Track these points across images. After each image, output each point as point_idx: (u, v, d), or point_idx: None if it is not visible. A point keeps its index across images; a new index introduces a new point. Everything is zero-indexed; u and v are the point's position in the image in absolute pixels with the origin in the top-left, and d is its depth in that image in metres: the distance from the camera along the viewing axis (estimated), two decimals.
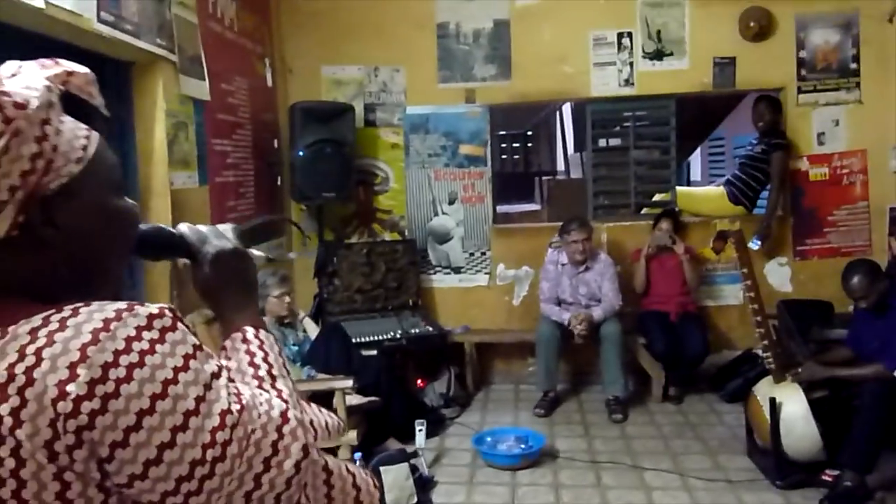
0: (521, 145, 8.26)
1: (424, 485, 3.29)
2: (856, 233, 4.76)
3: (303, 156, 4.34)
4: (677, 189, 5.05)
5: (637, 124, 4.91)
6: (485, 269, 4.98)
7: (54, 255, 0.69)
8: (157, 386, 0.62)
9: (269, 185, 4.45)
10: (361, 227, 5.01)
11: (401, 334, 4.36)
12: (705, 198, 5.20)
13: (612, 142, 5.10)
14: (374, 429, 3.56)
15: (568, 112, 7.59)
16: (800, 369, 3.32)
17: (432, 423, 3.95)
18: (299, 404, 0.78)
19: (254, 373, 0.78)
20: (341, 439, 3.14)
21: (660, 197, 5.07)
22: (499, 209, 5.26)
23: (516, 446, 3.66)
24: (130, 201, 0.78)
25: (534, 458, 3.61)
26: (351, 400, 3.40)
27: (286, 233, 4.78)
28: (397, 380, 4.04)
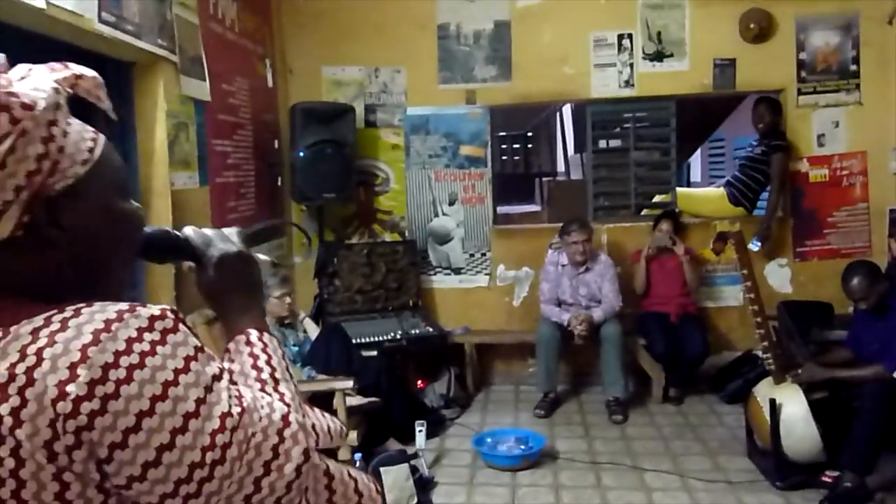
0: (522, 146, 8.25)
1: (425, 485, 3.29)
2: (856, 234, 4.76)
3: (303, 156, 4.34)
4: (677, 190, 5.05)
5: (637, 125, 4.91)
6: (485, 270, 4.98)
7: (58, 256, 0.69)
8: (157, 387, 0.62)
9: (269, 186, 4.45)
10: (362, 228, 5.01)
11: (401, 335, 4.36)
12: (705, 199, 5.20)
13: (613, 143, 5.10)
14: (375, 429, 3.56)
15: (568, 113, 7.59)
16: (800, 370, 3.32)
17: (432, 424, 3.95)
18: (301, 408, 0.77)
19: (256, 375, 0.78)
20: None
21: (660, 198, 5.07)
22: (499, 210, 5.26)
23: (516, 447, 3.66)
24: (135, 204, 0.79)
25: (534, 458, 3.61)
26: (351, 401, 3.40)
27: (286, 234, 4.79)
28: (397, 380, 4.04)
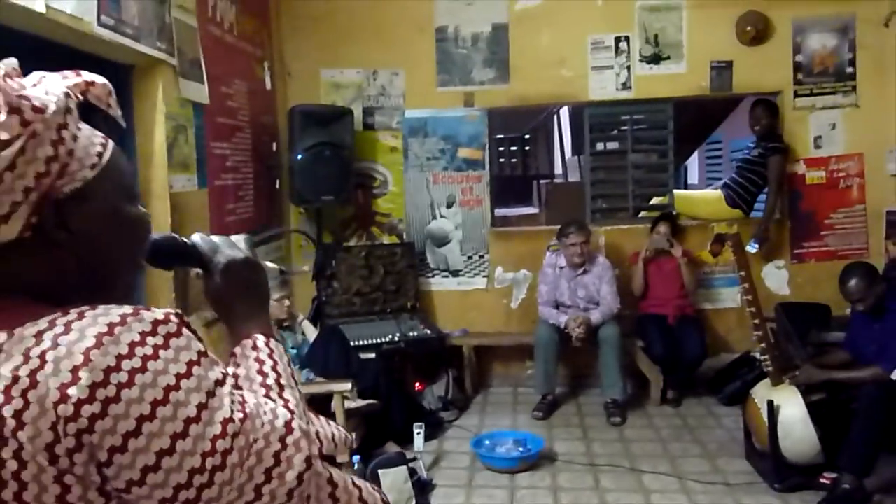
0: (520, 149, 8.24)
1: (423, 488, 3.29)
2: (853, 236, 4.77)
3: (302, 159, 4.35)
4: (675, 192, 5.06)
5: (635, 128, 4.92)
6: (483, 273, 4.99)
7: (65, 259, 0.70)
8: (158, 392, 0.62)
9: (268, 189, 4.45)
10: (360, 231, 5.01)
11: (399, 337, 4.36)
12: (703, 201, 5.21)
13: (610, 145, 5.10)
14: (373, 432, 3.56)
15: (566, 116, 7.59)
16: (797, 372, 3.32)
17: (431, 426, 3.95)
18: (306, 415, 0.77)
19: (261, 381, 0.78)
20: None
21: (657, 200, 5.08)
22: (497, 212, 5.27)
23: (515, 449, 3.66)
24: (143, 209, 0.79)
25: (532, 461, 3.61)
26: (349, 403, 3.41)
27: (283, 237, 4.78)
28: (396, 383, 4.04)
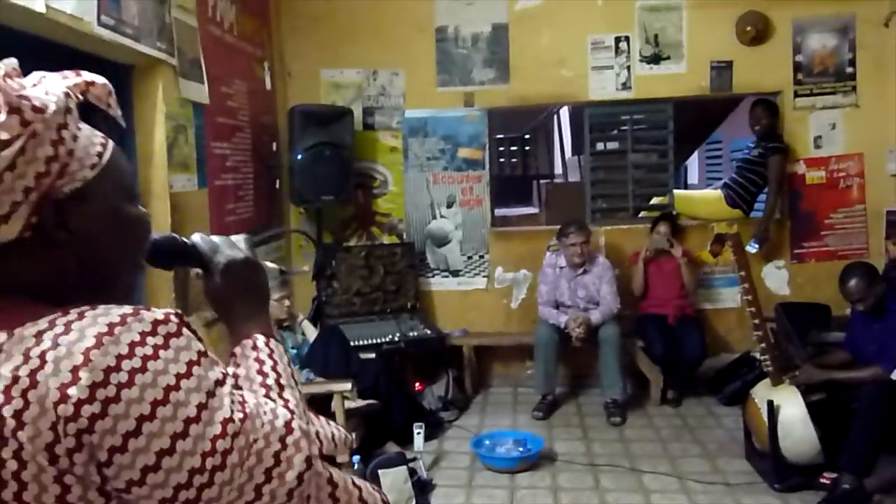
0: (520, 149, 8.24)
1: (423, 488, 3.29)
2: (853, 236, 4.77)
3: (301, 159, 4.35)
4: (675, 192, 5.06)
5: (635, 128, 4.92)
6: (483, 273, 4.99)
7: (65, 259, 0.70)
8: (158, 391, 0.62)
9: (268, 189, 4.45)
10: (360, 231, 5.01)
11: (399, 337, 4.36)
12: (703, 201, 5.21)
13: (610, 145, 5.10)
14: (373, 432, 3.56)
15: (566, 116, 7.59)
16: (797, 372, 3.32)
17: (431, 426, 3.95)
18: (306, 415, 0.77)
19: (262, 381, 0.78)
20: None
21: (657, 200, 5.08)
22: (497, 212, 5.27)
23: (515, 449, 3.66)
24: (143, 210, 0.79)
25: (532, 461, 3.61)
26: (349, 403, 3.41)
27: (282, 237, 4.78)
28: (396, 383, 4.04)
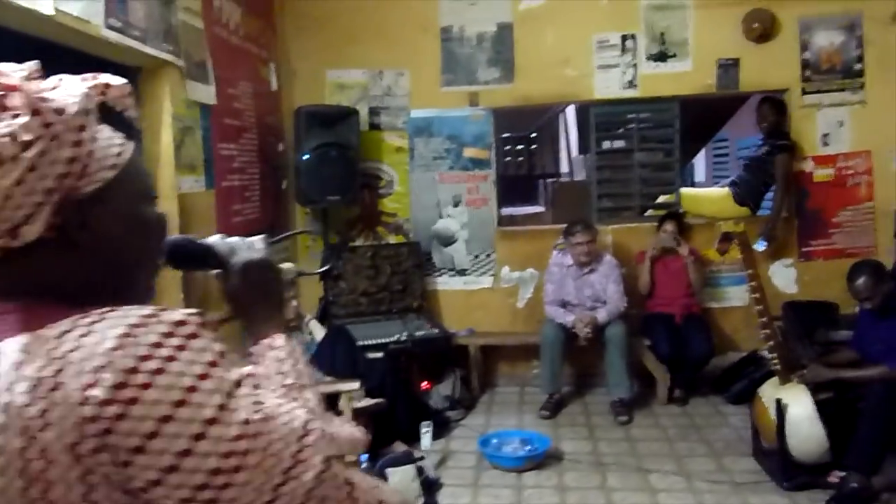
0: (525, 148, 8.27)
1: (430, 487, 3.30)
2: (861, 234, 4.75)
3: (307, 159, 4.36)
4: (681, 191, 5.05)
5: (641, 126, 4.92)
6: (489, 272, 4.99)
7: (85, 259, 0.71)
8: (178, 393, 0.62)
9: (274, 189, 4.47)
10: (366, 230, 5.02)
11: (406, 337, 4.36)
12: (709, 199, 5.19)
13: (616, 144, 5.10)
14: (380, 431, 3.56)
15: (571, 115, 7.60)
16: (805, 371, 3.31)
17: (437, 426, 3.96)
18: (324, 415, 0.77)
19: (281, 381, 0.78)
20: None
21: (664, 199, 5.07)
22: (503, 212, 5.27)
23: (521, 448, 3.66)
24: (160, 211, 0.80)
25: (539, 460, 3.61)
26: (356, 403, 3.42)
27: (291, 239, 4.80)
28: (402, 382, 4.05)
